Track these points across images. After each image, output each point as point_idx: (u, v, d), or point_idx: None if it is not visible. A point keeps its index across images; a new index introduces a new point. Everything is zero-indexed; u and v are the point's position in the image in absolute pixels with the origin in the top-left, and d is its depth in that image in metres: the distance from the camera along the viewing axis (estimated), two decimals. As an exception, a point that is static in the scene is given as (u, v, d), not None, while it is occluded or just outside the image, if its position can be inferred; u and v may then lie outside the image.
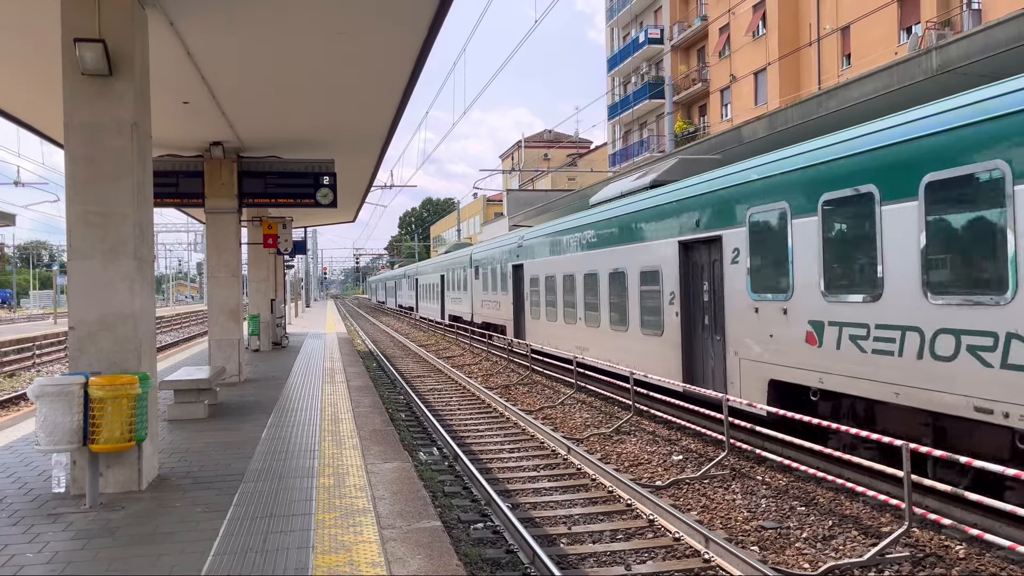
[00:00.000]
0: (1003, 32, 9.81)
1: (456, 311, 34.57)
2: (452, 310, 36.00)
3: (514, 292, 24.24)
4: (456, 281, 34.60)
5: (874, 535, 7.38)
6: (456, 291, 34.52)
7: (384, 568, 4.99)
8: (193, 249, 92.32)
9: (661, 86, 45.82)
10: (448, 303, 37.03)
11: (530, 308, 21.96)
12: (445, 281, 37.96)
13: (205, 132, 13.18)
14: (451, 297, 35.98)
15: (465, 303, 32.42)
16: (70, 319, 6.87)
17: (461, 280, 33.37)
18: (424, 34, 8.49)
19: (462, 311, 33.10)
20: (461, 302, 33.25)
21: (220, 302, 14.66)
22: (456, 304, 34.53)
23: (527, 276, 22.24)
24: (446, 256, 39.43)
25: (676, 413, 12.60)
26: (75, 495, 6.67)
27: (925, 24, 29.61)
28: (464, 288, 32.57)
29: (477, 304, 30.36)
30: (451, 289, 35.95)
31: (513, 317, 24.29)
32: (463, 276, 32.85)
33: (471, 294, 31.15)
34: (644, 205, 14.16)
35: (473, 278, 30.57)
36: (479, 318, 29.79)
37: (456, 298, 34.51)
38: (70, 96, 6.84)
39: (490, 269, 27.59)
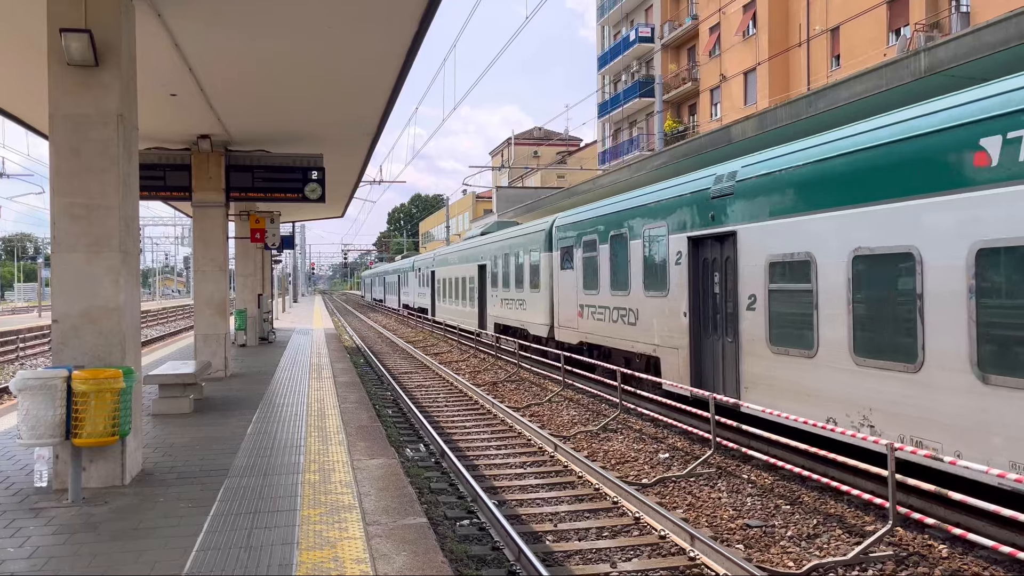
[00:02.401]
0: (991, 35, 9.86)
1: (513, 319, 22.95)
2: (503, 317, 24.11)
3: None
4: (512, 272, 23.03)
5: (858, 534, 7.41)
6: (513, 288, 22.88)
7: (369, 564, 4.97)
8: (180, 243, 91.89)
9: (651, 85, 45.85)
10: (496, 307, 25.12)
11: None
12: (489, 273, 26.24)
13: (192, 125, 13.09)
14: (501, 298, 24.32)
15: (536, 307, 20.52)
16: (53, 312, 6.81)
17: (523, 270, 21.82)
18: (414, 29, 8.46)
19: (528, 320, 21.33)
20: (526, 307, 21.44)
21: (206, 297, 14.59)
22: (514, 309, 22.86)
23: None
24: (493, 236, 26.43)
25: (663, 411, 12.62)
26: (57, 489, 6.61)
27: (914, 26, 29.78)
28: (531, 283, 20.88)
29: (570, 309, 17.66)
30: (501, 285, 24.32)
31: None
32: (526, 264, 21.46)
33: (551, 291, 19.20)
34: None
35: (557, 266, 18.73)
36: (585, 336, 16.73)
37: (514, 300, 22.79)
38: (55, 87, 6.77)
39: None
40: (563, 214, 18.74)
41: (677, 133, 44.53)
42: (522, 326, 21.95)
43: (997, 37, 9.75)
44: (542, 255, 19.88)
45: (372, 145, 15.24)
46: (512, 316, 23.09)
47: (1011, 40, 9.49)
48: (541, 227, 20.28)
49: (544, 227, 19.94)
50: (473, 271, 28.72)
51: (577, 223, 17.34)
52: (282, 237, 27.42)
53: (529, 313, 21.10)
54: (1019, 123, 6.64)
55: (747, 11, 40.52)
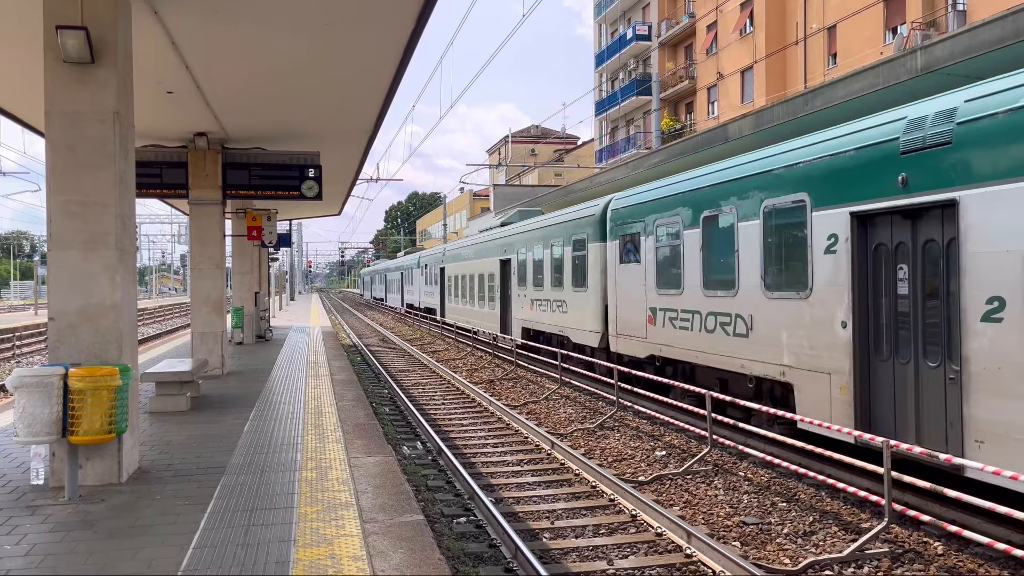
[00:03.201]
0: (987, 33, 9.89)
1: (549, 324, 18.84)
2: (534, 321, 20.19)
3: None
4: (546, 268, 18.94)
5: (854, 531, 7.43)
6: (548, 287, 18.80)
7: (366, 562, 4.97)
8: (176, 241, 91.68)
9: (648, 83, 45.91)
10: (524, 308, 21.07)
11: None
12: (514, 269, 22.09)
13: (189, 122, 13.07)
14: (532, 299, 20.22)
15: (581, 310, 16.58)
16: (50, 309, 6.80)
17: (562, 265, 17.83)
18: (411, 27, 8.45)
19: (570, 325, 17.32)
20: (568, 310, 17.38)
21: (203, 294, 14.57)
22: (550, 312, 18.66)
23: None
24: (519, 227, 22.15)
25: (660, 409, 12.63)
26: (54, 487, 6.61)
27: (910, 24, 29.82)
28: (575, 280, 16.93)
29: (635, 313, 14.03)
30: (531, 283, 20.26)
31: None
32: (566, 257, 17.51)
33: (604, 290, 15.56)
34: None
35: (614, 259, 14.93)
36: (659, 348, 13.16)
37: (549, 301, 18.71)
38: (51, 84, 6.76)
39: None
40: (621, 194, 15.02)
41: (674, 131, 44.53)
42: (561, 332, 17.91)
43: (993, 35, 9.77)
44: (591, 246, 16.06)
45: (369, 143, 15.23)
46: (547, 320, 18.90)
47: (1007, 38, 9.52)
48: (588, 212, 16.37)
49: (593, 212, 16.01)
50: (493, 266, 24.64)
51: (645, 204, 13.59)
52: (279, 235, 27.36)
53: (572, 317, 17.16)
54: None
55: (744, 9, 40.54)
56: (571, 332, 17.37)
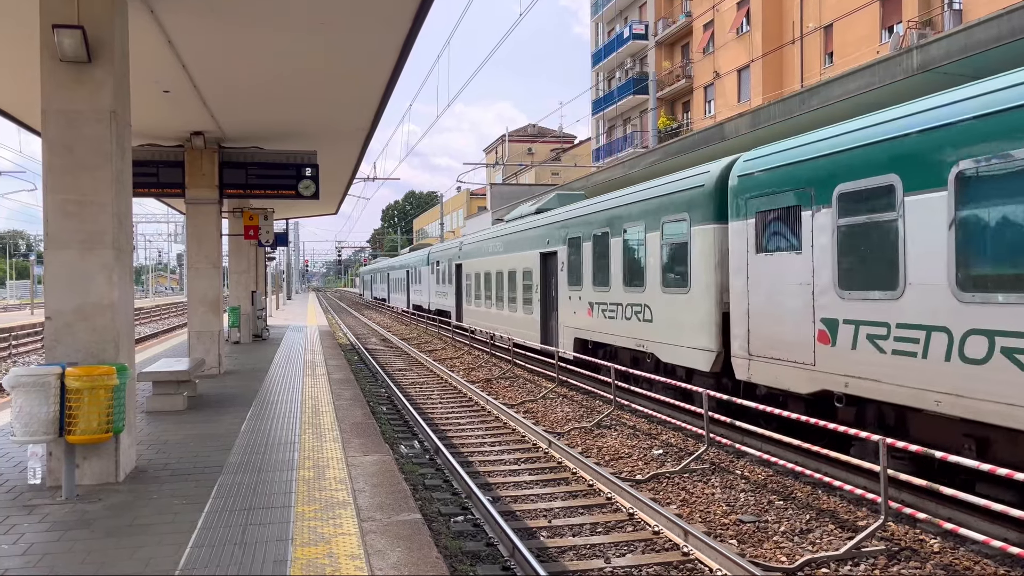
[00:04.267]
0: (983, 32, 9.91)
1: (621, 335, 14.49)
2: (596, 330, 15.71)
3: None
4: (616, 261, 14.67)
5: (851, 529, 7.45)
6: (619, 286, 14.54)
7: (363, 560, 4.98)
8: (173, 240, 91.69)
9: (645, 82, 45.96)
10: (578, 314, 16.54)
11: None
12: (562, 265, 17.57)
13: (186, 122, 13.05)
14: (592, 302, 15.80)
15: (679, 319, 12.38)
16: (47, 309, 6.79)
17: (641, 257, 13.75)
18: (408, 25, 8.45)
19: (659, 339, 13.01)
20: (654, 317, 13.19)
21: (200, 294, 14.56)
22: (621, 320, 14.44)
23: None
24: (568, 210, 17.67)
25: (657, 408, 12.65)
26: (51, 486, 6.61)
27: (907, 23, 29.86)
28: (667, 277, 12.77)
29: (788, 326, 9.73)
30: (590, 281, 15.87)
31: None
32: (652, 245, 13.29)
33: (719, 291, 11.42)
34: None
35: (746, 246, 10.56)
36: (851, 379, 8.63)
37: (621, 306, 14.44)
38: (48, 83, 6.75)
39: None
40: (761, 151, 10.33)
41: (671, 130, 44.58)
42: (640, 347, 13.55)
43: (989, 34, 9.80)
44: (697, 230, 11.70)
45: (366, 142, 15.22)
46: (616, 331, 14.55)
47: (1003, 37, 9.55)
48: (691, 183, 11.94)
49: (701, 181, 11.67)
50: (530, 261, 19.96)
51: (818, 161, 9.08)
52: (276, 234, 27.34)
53: (660, 328, 12.82)
54: None
55: (741, 8, 40.58)
56: (658, 348, 12.86)
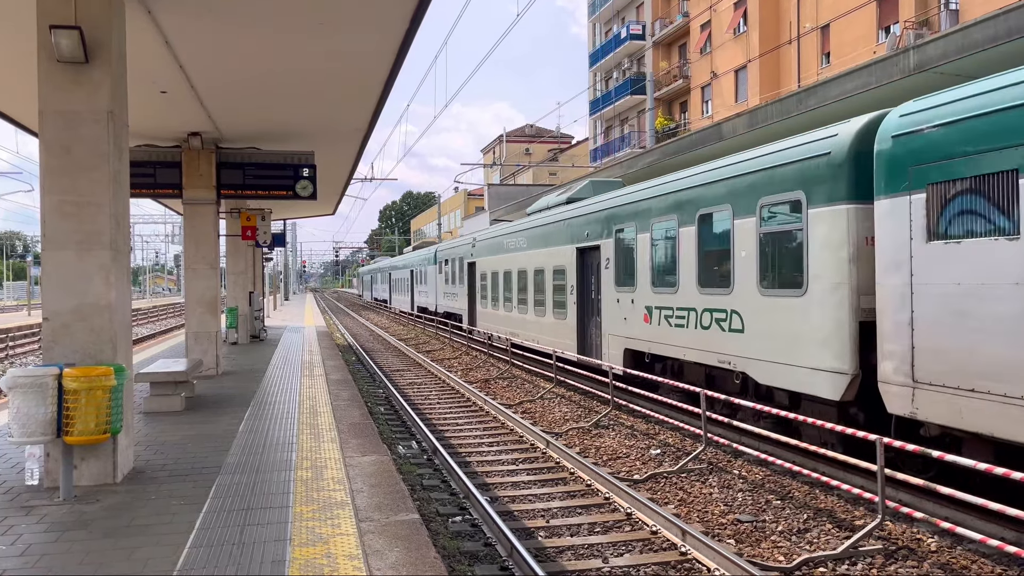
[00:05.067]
0: (980, 32, 9.93)
1: (697, 348, 11.74)
2: (660, 340, 12.90)
3: None
4: (690, 254, 11.95)
5: (848, 528, 7.46)
6: (692, 287, 11.90)
7: (361, 560, 4.98)
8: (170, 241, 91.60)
9: (642, 82, 45.96)
10: (631, 321, 13.99)
11: None
12: (607, 261, 15.04)
13: (183, 122, 13.05)
14: (652, 307, 13.13)
15: (793, 322, 9.56)
16: (44, 310, 6.79)
17: (731, 249, 10.84)
18: (406, 26, 8.46)
19: (737, 351, 10.68)
20: (748, 324, 10.45)
21: (198, 294, 14.55)
22: (697, 330, 11.70)
23: None
24: (617, 196, 15.05)
25: (655, 408, 12.66)
26: (49, 487, 6.60)
27: (903, 23, 29.91)
28: (763, 274, 10.20)
29: None
30: (652, 281, 13.21)
31: None
32: (726, 236, 10.98)
33: (909, 293, 7.75)
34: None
35: (915, 231, 7.67)
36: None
37: (697, 312, 11.70)
38: (45, 84, 6.75)
39: None
40: (927, 101, 7.75)
41: (668, 130, 44.62)
42: (726, 364, 10.90)
43: (985, 34, 9.81)
44: (816, 213, 9.12)
45: (363, 142, 15.22)
46: (687, 342, 11.89)
47: (999, 37, 9.56)
48: (813, 148, 9.23)
49: (826, 148, 9.01)
50: (564, 258, 17.31)
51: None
52: (273, 235, 27.32)
53: (757, 342, 10.22)
54: None
55: (738, 8, 40.63)
56: (752, 366, 10.31)
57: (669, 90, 47.49)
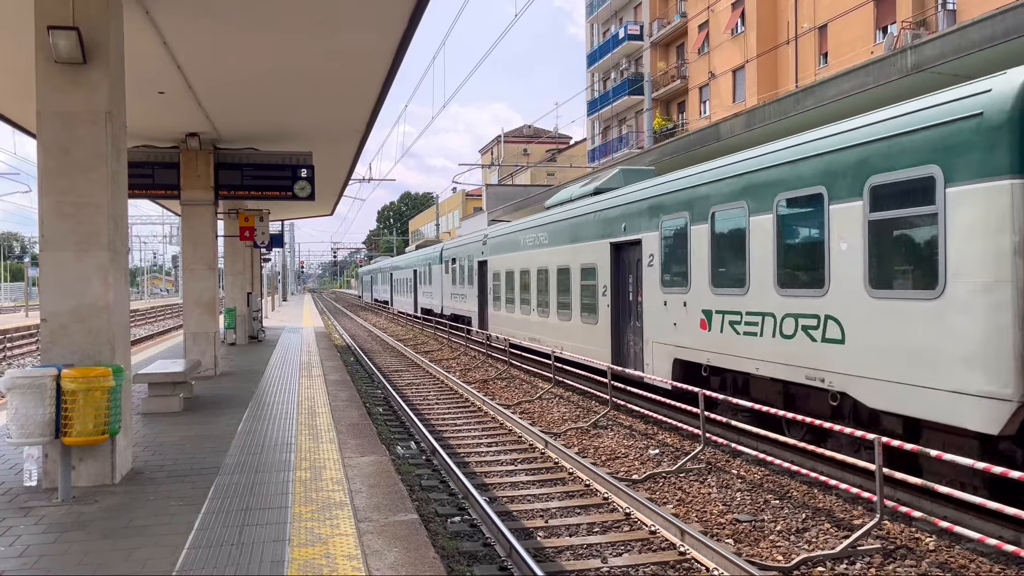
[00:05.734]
0: (977, 32, 9.95)
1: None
2: (702, 347, 11.46)
3: None
4: (754, 251, 10.18)
5: (846, 527, 7.47)
6: (756, 287, 10.14)
7: (360, 561, 4.98)
8: (168, 242, 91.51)
9: (640, 82, 45.97)
10: (683, 327, 11.97)
11: None
12: (650, 258, 13.13)
13: (181, 123, 13.04)
14: (715, 311, 11.04)
15: (942, 334, 7.38)
16: (42, 311, 6.78)
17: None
18: (404, 26, 8.46)
19: (833, 366, 8.72)
20: (853, 331, 8.47)
21: (196, 295, 14.54)
22: (764, 332, 9.92)
23: None
24: (664, 181, 12.90)
25: (653, 408, 12.66)
26: (47, 488, 6.59)
27: (901, 24, 29.95)
28: (897, 270, 8.03)
29: None
30: (699, 282, 11.52)
31: None
32: (819, 227, 9.06)
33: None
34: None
35: None
36: None
37: (774, 317, 9.73)
38: (43, 84, 6.75)
39: None
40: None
41: (666, 131, 44.64)
42: (818, 381, 9.01)
43: (983, 34, 9.83)
44: (957, 192, 7.32)
45: (361, 143, 15.22)
46: (761, 353, 9.97)
47: (996, 37, 9.58)
48: (957, 108, 7.35)
49: (985, 103, 7.09)
50: (594, 254, 15.51)
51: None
52: (271, 235, 27.32)
53: (864, 354, 8.33)
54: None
55: (735, 9, 40.66)
56: (857, 385, 8.40)
57: (667, 90, 47.52)
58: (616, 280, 14.76)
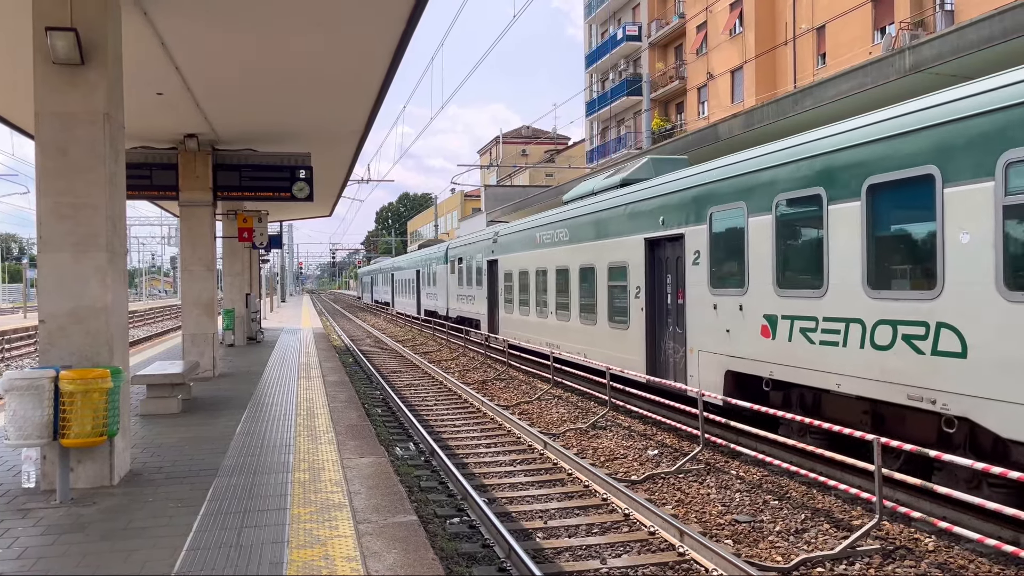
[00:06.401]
0: (974, 33, 9.96)
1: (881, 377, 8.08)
2: (781, 359, 9.66)
3: None
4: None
5: (845, 528, 7.47)
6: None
7: (359, 562, 4.97)
8: (167, 243, 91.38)
9: (639, 83, 45.99)
10: (746, 330, 10.33)
11: None
12: (696, 255, 11.62)
13: (179, 124, 13.03)
14: (793, 317, 9.39)
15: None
16: (40, 312, 6.77)
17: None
18: (402, 27, 8.46)
19: None
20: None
21: (194, 296, 14.52)
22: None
23: None
24: (748, 158, 10.40)
25: (652, 408, 12.66)
26: (45, 490, 6.58)
27: (899, 24, 29.99)
28: None
29: None
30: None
31: None
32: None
33: None
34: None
35: None
36: None
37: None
38: (41, 86, 6.74)
39: None
40: None
41: (665, 131, 44.66)
42: (927, 403, 7.53)
43: (980, 35, 9.85)
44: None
45: (360, 144, 15.21)
46: (842, 366, 8.62)
47: (994, 38, 9.60)
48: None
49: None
50: (625, 251, 14.05)
51: None
52: (270, 236, 27.32)
53: (997, 373, 6.79)
54: None
55: (733, 10, 40.69)
56: (988, 409, 6.92)
57: (665, 91, 47.54)
58: (651, 280, 13.28)
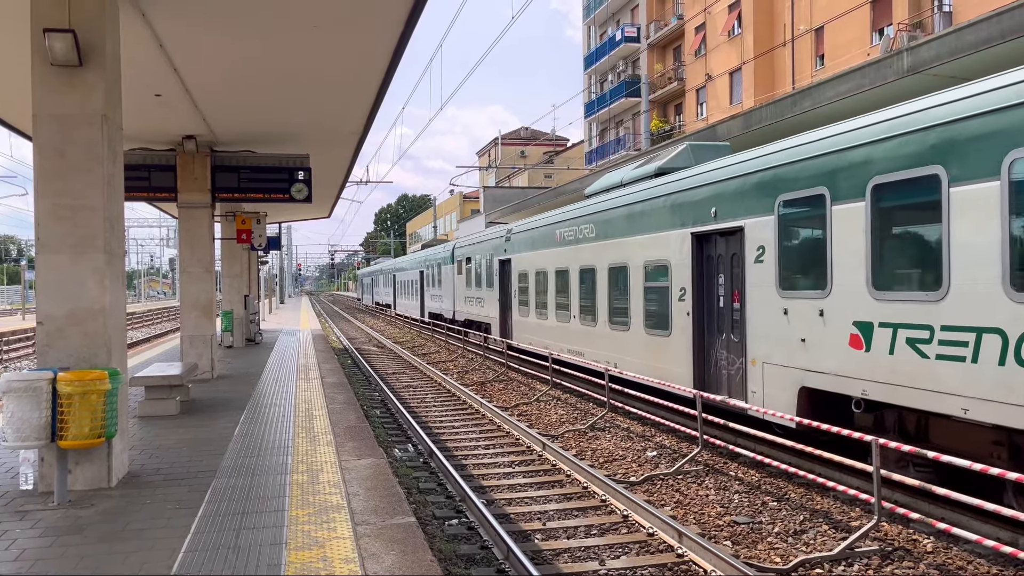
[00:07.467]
0: (973, 34, 9.96)
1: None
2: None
3: None
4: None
5: (844, 529, 7.47)
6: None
7: (358, 564, 4.97)
8: (165, 244, 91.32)
9: (637, 84, 46.01)
10: (810, 341, 9.01)
11: None
12: (779, 252, 9.65)
13: (177, 125, 13.02)
14: (898, 325, 7.74)
15: None
16: (38, 314, 6.76)
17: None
18: (400, 28, 8.45)
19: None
20: None
21: (193, 298, 14.51)
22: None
23: None
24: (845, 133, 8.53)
25: (650, 410, 12.65)
26: (43, 492, 6.57)
27: (897, 26, 30.02)
28: None
29: None
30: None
31: None
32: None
33: None
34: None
35: None
36: None
37: None
38: (39, 87, 6.73)
39: None
40: None
41: (663, 133, 44.68)
42: None
43: (979, 36, 9.85)
44: None
45: (359, 145, 15.21)
46: (972, 387, 6.93)
47: (993, 39, 9.60)
48: None
49: None
50: (665, 248, 12.45)
51: None
52: (268, 238, 27.27)
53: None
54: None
55: (732, 11, 40.73)
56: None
57: (664, 92, 47.57)
58: (699, 281, 11.62)
